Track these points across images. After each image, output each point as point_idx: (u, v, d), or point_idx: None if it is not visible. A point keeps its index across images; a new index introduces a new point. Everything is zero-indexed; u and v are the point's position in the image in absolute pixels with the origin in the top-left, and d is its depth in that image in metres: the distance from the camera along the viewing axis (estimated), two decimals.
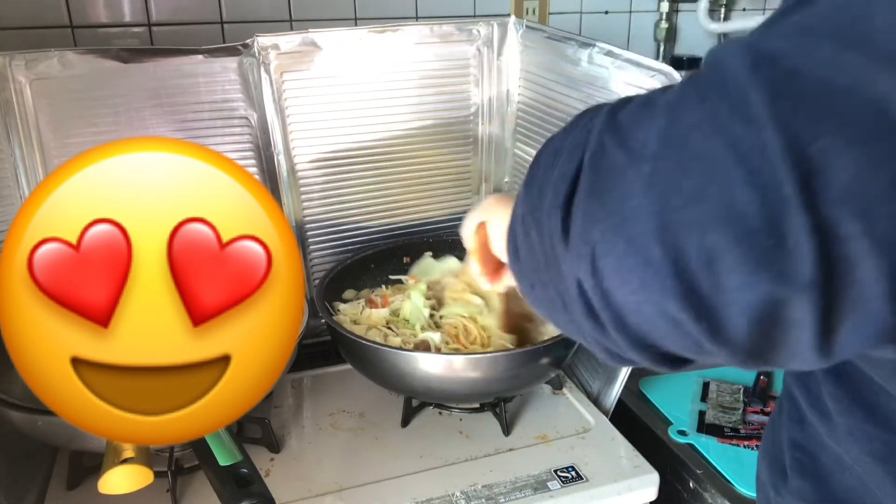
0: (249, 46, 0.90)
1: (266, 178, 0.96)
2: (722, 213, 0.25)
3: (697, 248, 0.26)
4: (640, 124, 0.29)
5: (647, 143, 0.28)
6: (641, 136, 0.29)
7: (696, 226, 0.26)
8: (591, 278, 0.30)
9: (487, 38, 1.01)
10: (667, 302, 0.27)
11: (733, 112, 0.26)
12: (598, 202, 0.30)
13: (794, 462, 0.50)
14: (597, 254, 0.29)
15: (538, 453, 0.81)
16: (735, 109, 0.26)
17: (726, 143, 0.25)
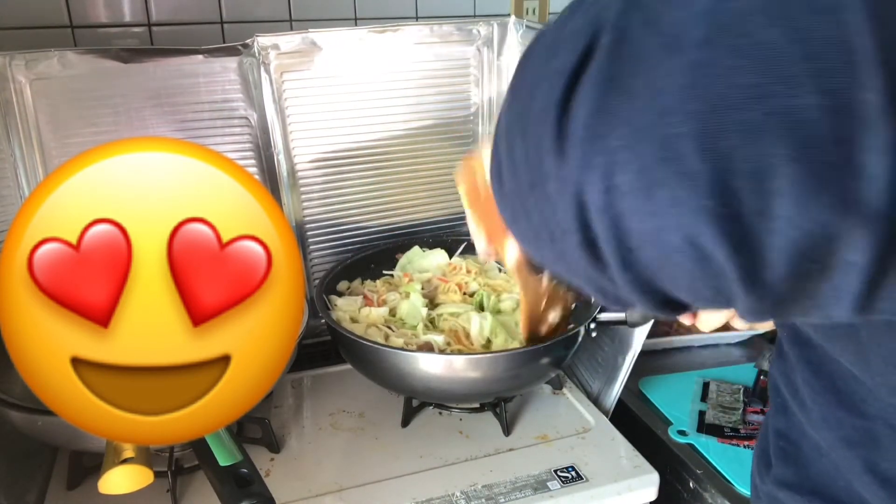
0: (249, 46, 0.90)
1: (266, 178, 0.96)
2: (785, 120, 0.21)
3: (749, 159, 0.21)
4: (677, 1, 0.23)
5: (689, 25, 0.22)
6: (681, 16, 0.23)
7: (751, 131, 0.21)
8: (601, 196, 0.24)
9: (487, 38, 1.01)
10: (700, 227, 0.22)
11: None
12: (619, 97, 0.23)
13: (777, 450, 0.50)
14: (614, 163, 0.23)
15: (538, 453, 0.81)
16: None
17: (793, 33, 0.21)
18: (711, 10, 0.22)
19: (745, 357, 1.05)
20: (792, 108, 0.21)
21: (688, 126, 0.22)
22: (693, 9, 0.23)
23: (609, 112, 0.24)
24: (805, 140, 0.21)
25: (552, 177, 0.26)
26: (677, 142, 0.22)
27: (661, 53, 0.23)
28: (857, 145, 0.20)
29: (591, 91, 0.24)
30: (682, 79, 0.22)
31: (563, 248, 0.27)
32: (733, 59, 0.22)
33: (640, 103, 0.23)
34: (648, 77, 0.23)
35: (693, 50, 0.22)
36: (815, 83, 0.21)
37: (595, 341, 0.87)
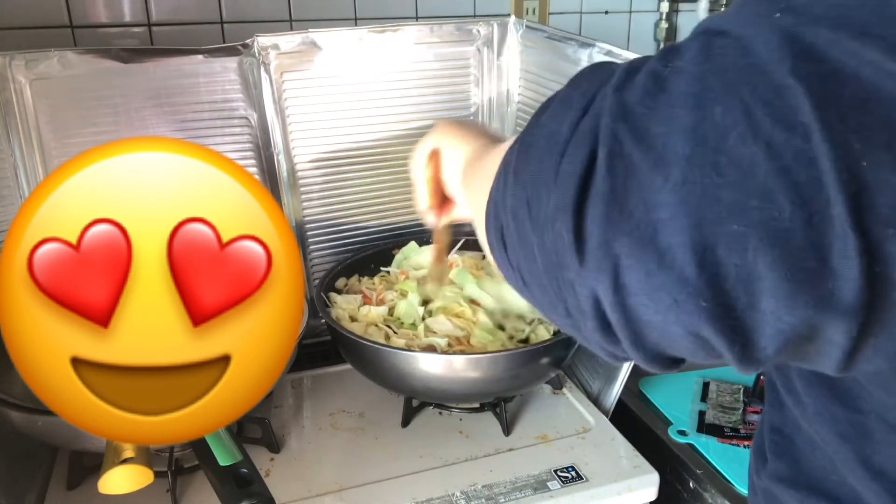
0: (249, 46, 0.90)
1: (266, 178, 0.96)
2: (763, 231, 0.23)
3: (736, 267, 0.24)
4: (657, 115, 0.26)
5: (672, 142, 0.25)
6: (662, 132, 0.25)
7: (736, 242, 0.24)
8: (613, 294, 0.27)
9: (487, 38, 1.01)
10: (699, 323, 0.26)
11: (772, 114, 0.23)
12: (620, 211, 0.26)
13: (772, 444, 0.51)
14: (621, 268, 0.27)
15: (538, 453, 0.81)
16: (774, 111, 0.23)
17: (767, 150, 0.23)
18: (693, 128, 0.25)
19: None
20: (769, 220, 0.23)
21: (680, 238, 0.25)
22: (676, 125, 0.25)
23: (613, 223, 0.26)
24: (783, 248, 0.23)
25: (571, 269, 0.29)
26: (673, 253, 0.25)
27: (650, 170, 0.26)
28: (830, 251, 0.23)
29: (598, 204, 0.27)
30: (670, 196, 0.25)
31: (580, 324, 0.30)
32: (715, 176, 0.24)
33: (638, 217, 0.26)
34: (642, 193, 0.26)
35: (678, 167, 0.25)
36: (789, 197, 0.23)
37: None
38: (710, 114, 0.25)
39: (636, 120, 0.27)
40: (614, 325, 0.29)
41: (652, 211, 0.25)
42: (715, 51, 0.26)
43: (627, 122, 0.27)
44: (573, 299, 0.30)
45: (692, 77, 0.26)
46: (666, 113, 0.26)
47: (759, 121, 0.24)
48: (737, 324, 0.25)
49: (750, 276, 0.24)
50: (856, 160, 0.22)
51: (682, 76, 0.26)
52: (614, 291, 0.27)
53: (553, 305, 0.32)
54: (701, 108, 0.25)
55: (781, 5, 0.25)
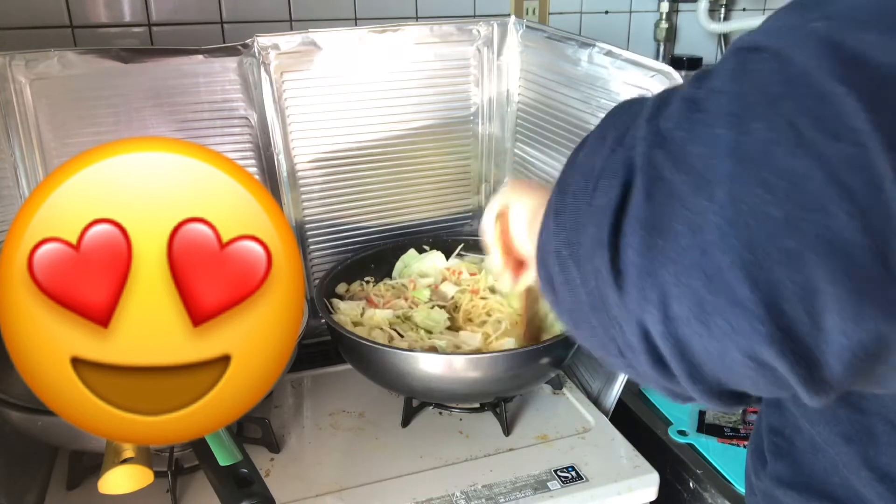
0: (249, 46, 0.90)
1: (266, 178, 0.96)
2: (820, 244, 0.22)
3: (794, 284, 0.23)
4: (696, 137, 0.25)
5: (715, 162, 0.24)
6: (703, 153, 0.25)
7: (791, 259, 0.23)
8: (662, 325, 0.26)
9: (487, 38, 1.01)
10: (759, 347, 0.24)
11: (819, 123, 0.23)
12: (662, 238, 0.25)
13: (771, 446, 0.50)
14: (668, 297, 0.25)
15: (538, 453, 0.81)
16: (820, 120, 0.22)
17: (817, 161, 0.22)
18: (734, 145, 0.24)
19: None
20: (825, 232, 0.22)
21: (730, 258, 0.23)
22: (716, 145, 0.24)
23: (656, 251, 0.25)
24: (843, 260, 0.22)
25: (615, 305, 0.28)
26: (724, 274, 0.24)
27: (692, 192, 0.24)
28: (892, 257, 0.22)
29: (636, 233, 0.26)
30: (716, 217, 0.24)
31: (633, 362, 0.29)
32: (762, 192, 0.23)
33: (684, 241, 0.25)
34: (685, 216, 0.25)
35: (722, 186, 0.24)
36: (844, 206, 0.22)
37: None
38: (751, 130, 0.24)
39: (673, 144, 0.26)
40: (667, 358, 0.27)
41: (698, 233, 0.24)
42: (751, 67, 0.25)
43: (664, 147, 0.26)
44: (621, 337, 0.29)
45: (729, 96, 0.25)
46: (705, 134, 0.25)
47: (805, 132, 0.23)
48: (799, 345, 0.24)
49: (810, 293, 0.23)
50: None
51: (719, 95, 0.25)
52: (663, 322, 0.26)
53: (605, 346, 0.31)
54: (742, 125, 0.24)
55: (816, 14, 0.24)
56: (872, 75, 0.22)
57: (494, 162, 1.08)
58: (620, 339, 0.29)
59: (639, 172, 0.27)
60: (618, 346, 0.30)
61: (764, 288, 0.23)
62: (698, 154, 0.25)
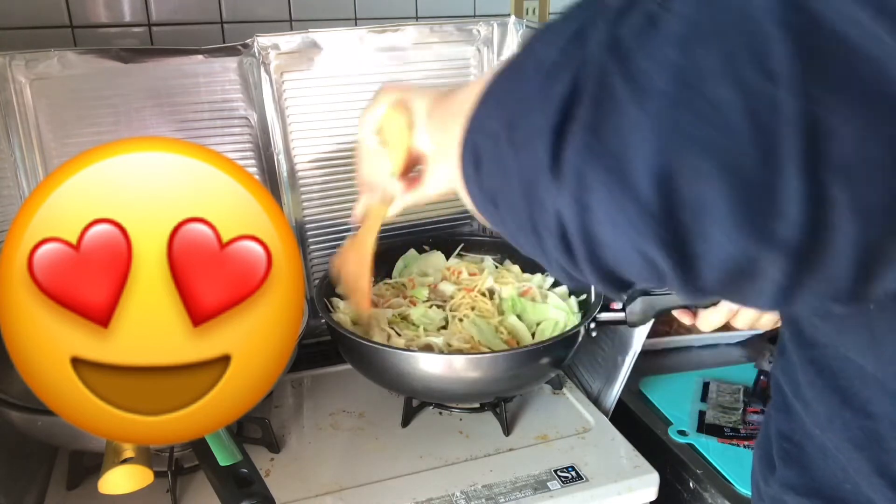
0: (249, 46, 0.90)
1: (266, 178, 0.96)
2: (722, 165, 0.25)
3: (690, 195, 0.26)
4: (647, 52, 0.27)
5: (654, 77, 0.26)
6: (647, 68, 0.27)
7: (693, 173, 0.26)
8: (574, 211, 0.29)
9: (487, 38, 1.01)
10: (648, 243, 0.27)
11: (753, 60, 0.25)
12: (596, 136, 0.28)
13: (780, 451, 0.50)
14: (587, 188, 0.28)
15: (538, 453, 0.81)
16: (755, 56, 0.24)
17: (741, 93, 0.25)
18: (675, 65, 0.26)
19: (745, 357, 1.05)
20: (729, 156, 0.25)
21: (645, 164, 0.26)
22: (661, 63, 0.27)
23: (588, 148, 0.28)
24: (738, 184, 0.25)
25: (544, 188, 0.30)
26: (636, 177, 0.27)
27: (629, 100, 0.27)
28: (779, 193, 0.24)
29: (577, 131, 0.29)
30: (643, 126, 0.26)
31: (544, 242, 0.32)
32: (687, 113, 0.26)
33: (612, 144, 0.27)
34: (618, 121, 0.27)
35: (655, 101, 0.26)
36: (752, 137, 0.24)
37: (595, 341, 0.87)
38: (694, 53, 0.26)
39: (625, 53, 0.28)
40: (573, 243, 0.30)
41: (624, 137, 0.27)
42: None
43: (616, 54, 0.28)
44: (541, 217, 0.31)
45: (684, 18, 0.27)
46: (654, 50, 0.27)
47: (739, 65, 0.25)
48: (683, 248, 0.27)
49: (701, 205, 0.26)
50: (819, 112, 0.23)
51: (675, 16, 0.27)
52: (577, 211, 0.29)
53: (521, 226, 0.34)
54: (686, 47, 0.26)
55: None
56: (808, 23, 0.24)
57: None
58: (539, 219, 0.32)
59: (589, 73, 0.29)
60: (534, 226, 0.32)
61: (666, 194, 0.26)
62: (643, 69, 0.27)
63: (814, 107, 0.24)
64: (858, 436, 0.41)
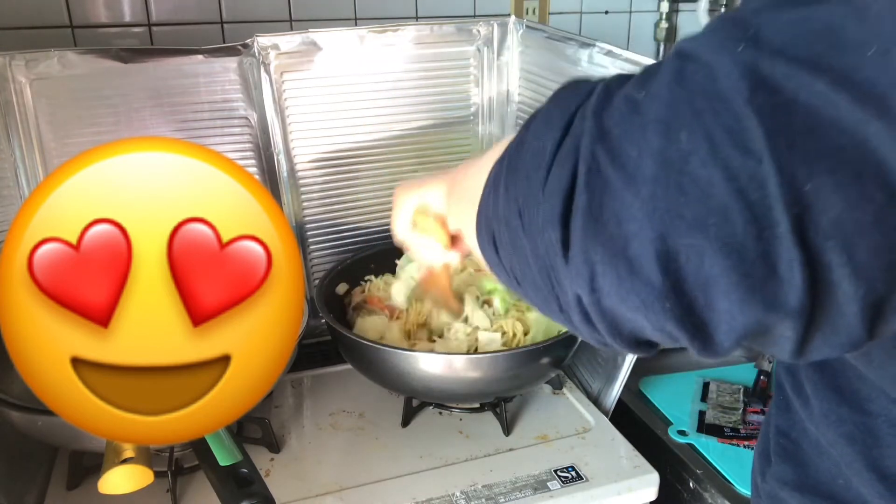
0: (249, 46, 0.90)
1: (266, 178, 0.96)
2: (719, 243, 0.27)
3: (695, 273, 0.27)
4: (632, 139, 0.29)
5: (643, 163, 0.28)
6: (635, 155, 0.29)
7: (695, 253, 0.27)
8: (590, 295, 0.31)
9: (487, 38, 1.01)
10: (664, 320, 0.29)
11: (730, 140, 0.26)
12: (596, 223, 0.30)
13: (777, 447, 0.51)
14: (596, 273, 0.30)
15: (538, 453, 0.81)
16: (732, 137, 0.26)
17: (725, 173, 0.26)
18: (661, 151, 0.28)
19: (745, 357, 1.05)
20: (725, 235, 0.26)
21: (647, 249, 0.28)
22: (646, 148, 0.28)
23: (590, 234, 0.30)
24: (736, 259, 0.26)
25: (560, 272, 0.33)
26: (641, 261, 0.28)
27: (622, 188, 0.29)
28: (777, 262, 0.26)
29: (578, 217, 0.31)
30: (639, 211, 0.28)
31: (569, 319, 0.35)
32: (677, 195, 0.27)
33: (611, 229, 0.29)
34: (615, 207, 0.29)
35: (646, 186, 0.28)
36: (742, 214, 0.26)
37: None
38: (676, 138, 0.27)
39: (612, 142, 0.30)
40: (594, 320, 0.32)
41: (623, 224, 0.29)
42: (686, 77, 0.28)
43: (604, 143, 0.30)
44: (563, 297, 0.34)
45: (663, 103, 0.28)
46: (639, 136, 0.29)
47: (719, 146, 0.26)
48: (697, 321, 0.29)
49: (706, 281, 0.27)
50: (800, 183, 0.25)
51: (655, 101, 0.29)
52: (591, 293, 0.31)
53: (547, 301, 0.36)
54: (669, 132, 0.28)
55: (747, 35, 0.27)
56: (775, 101, 0.25)
57: None
58: (563, 298, 0.34)
59: (582, 163, 0.31)
60: (559, 303, 0.35)
61: (671, 274, 0.28)
62: (630, 154, 0.29)
63: (797, 179, 0.25)
64: (853, 431, 0.42)
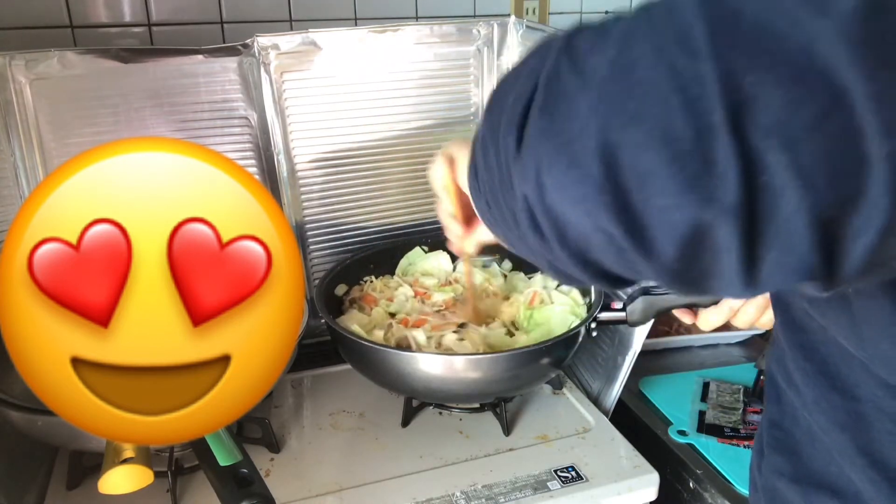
0: (249, 46, 0.90)
1: (266, 178, 0.96)
2: (658, 136, 0.27)
3: (632, 166, 0.28)
4: (594, 51, 0.31)
5: (598, 69, 0.30)
6: (593, 62, 0.30)
7: (633, 145, 0.28)
8: (536, 192, 0.32)
9: (487, 38, 1.01)
10: (601, 214, 0.30)
11: (677, 43, 0.27)
12: (549, 121, 0.31)
13: (770, 439, 0.51)
14: (542, 168, 0.31)
15: (538, 453, 0.81)
16: (679, 41, 0.27)
17: (668, 71, 0.27)
18: (615, 58, 0.29)
19: (745, 357, 1.05)
20: (665, 128, 0.27)
21: (590, 142, 0.29)
22: (604, 55, 0.30)
23: (542, 131, 0.32)
24: (676, 152, 0.27)
25: (514, 176, 0.33)
26: (582, 154, 0.29)
27: (576, 89, 0.30)
28: (714, 157, 0.26)
29: (533, 117, 0.32)
30: (586, 108, 0.30)
31: (521, 231, 0.35)
32: (623, 94, 0.29)
33: (560, 126, 0.31)
34: (566, 107, 0.31)
35: (596, 86, 0.30)
36: (682, 109, 0.27)
37: (595, 341, 0.87)
38: (630, 45, 0.29)
39: (576, 53, 0.31)
40: (539, 220, 0.33)
41: (570, 121, 0.30)
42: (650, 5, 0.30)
43: (569, 54, 0.32)
44: (514, 203, 0.34)
45: (627, 23, 0.30)
46: (599, 49, 0.30)
47: (665, 49, 0.28)
48: (633, 218, 0.29)
49: (644, 175, 0.28)
50: (739, 77, 0.26)
51: (621, 23, 0.30)
52: (536, 188, 0.32)
53: (505, 219, 0.36)
54: (625, 43, 0.29)
55: None
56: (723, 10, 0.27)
57: None
58: (515, 206, 0.34)
59: (545, 70, 0.32)
60: (513, 215, 0.35)
61: (611, 167, 0.29)
62: (590, 62, 0.30)
63: (735, 74, 0.26)
64: (844, 418, 0.42)
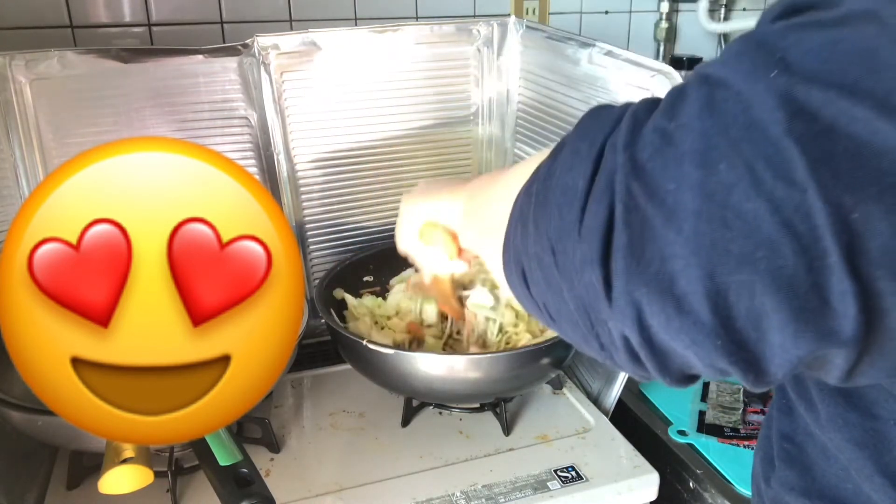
0: (249, 46, 0.90)
1: (266, 178, 0.96)
2: (769, 278, 0.26)
3: (746, 309, 0.27)
4: (668, 172, 0.28)
5: (682, 197, 0.28)
6: (673, 189, 0.28)
7: (745, 289, 0.27)
8: (639, 335, 0.31)
9: (487, 38, 1.01)
10: (717, 358, 0.29)
11: (772, 170, 0.26)
12: (639, 262, 0.29)
13: (781, 452, 0.51)
14: (643, 311, 0.30)
15: (538, 453, 0.81)
16: (774, 167, 0.26)
17: (770, 205, 0.26)
18: (700, 183, 0.27)
19: None
20: (774, 268, 0.26)
21: (695, 287, 0.28)
22: (685, 181, 0.28)
23: (633, 274, 0.29)
24: (788, 292, 0.26)
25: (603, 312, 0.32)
26: (689, 300, 0.28)
27: (663, 225, 0.28)
28: (829, 293, 0.26)
29: (619, 258, 0.30)
30: (682, 248, 0.28)
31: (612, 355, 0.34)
32: (722, 230, 0.27)
33: (654, 268, 0.29)
34: (657, 245, 0.28)
35: (688, 221, 0.27)
36: (791, 247, 0.26)
37: None
38: (715, 170, 0.27)
39: (648, 176, 0.29)
40: (642, 358, 0.32)
41: (667, 262, 0.28)
42: (717, 105, 0.27)
43: (640, 178, 0.29)
44: (606, 336, 0.33)
45: (697, 133, 0.28)
46: (675, 169, 0.28)
47: (761, 177, 0.26)
48: (749, 356, 0.28)
49: (758, 317, 0.27)
50: (847, 211, 0.25)
51: (688, 132, 0.28)
52: (640, 332, 0.30)
53: (586, 339, 0.35)
54: (707, 164, 0.27)
55: (777, 58, 0.26)
56: (815, 129, 0.25)
57: (494, 162, 1.08)
58: (605, 337, 0.33)
59: (618, 201, 0.30)
60: (600, 342, 0.34)
61: (721, 311, 0.27)
62: (668, 189, 0.28)
63: (844, 208, 0.25)
64: (862, 436, 0.41)
